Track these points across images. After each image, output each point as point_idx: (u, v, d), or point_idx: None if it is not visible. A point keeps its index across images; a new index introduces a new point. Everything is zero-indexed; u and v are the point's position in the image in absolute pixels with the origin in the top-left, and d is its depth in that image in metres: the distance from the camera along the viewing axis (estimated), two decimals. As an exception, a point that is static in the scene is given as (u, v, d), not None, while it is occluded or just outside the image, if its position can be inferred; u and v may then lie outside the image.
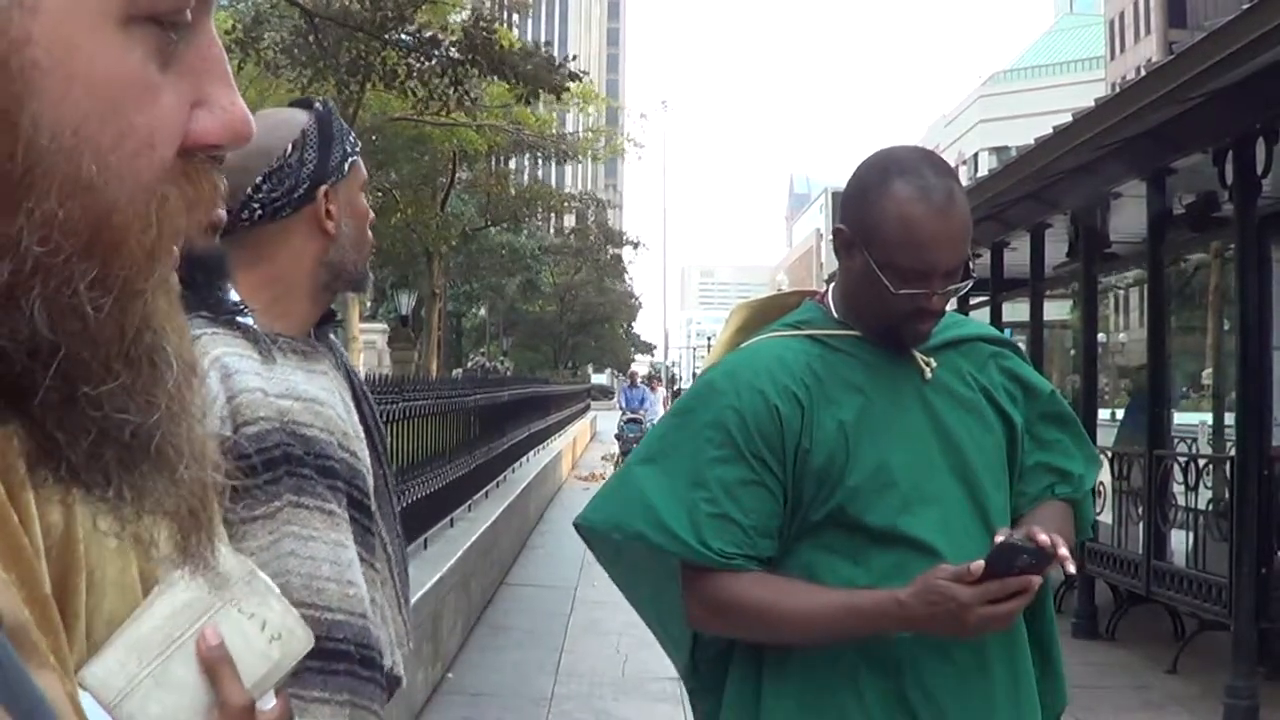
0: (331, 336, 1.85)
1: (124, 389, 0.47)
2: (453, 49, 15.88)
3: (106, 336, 0.46)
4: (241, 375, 1.61)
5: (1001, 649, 1.87)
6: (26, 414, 0.47)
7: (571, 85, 17.39)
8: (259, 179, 1.70)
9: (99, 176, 0.45)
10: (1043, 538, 1.69)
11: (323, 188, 1.75)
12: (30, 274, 0.44)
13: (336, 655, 1.60)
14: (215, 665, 1.00)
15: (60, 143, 0.44)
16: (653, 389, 26.02)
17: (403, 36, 15.94)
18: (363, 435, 1.78)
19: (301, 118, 1.77)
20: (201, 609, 1.02)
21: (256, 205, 1.71)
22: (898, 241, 1.79)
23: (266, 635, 1.04)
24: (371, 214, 1.87)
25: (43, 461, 0.48)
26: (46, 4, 0.44)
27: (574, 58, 17.32)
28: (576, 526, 1.98)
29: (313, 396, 1.68)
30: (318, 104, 1.81)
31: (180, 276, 0.51)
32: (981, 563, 1.67)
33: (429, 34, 16.06)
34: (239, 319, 1.65)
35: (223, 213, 0.53)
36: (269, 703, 1.05)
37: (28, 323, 0.44)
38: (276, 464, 1.60)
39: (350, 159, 1.79)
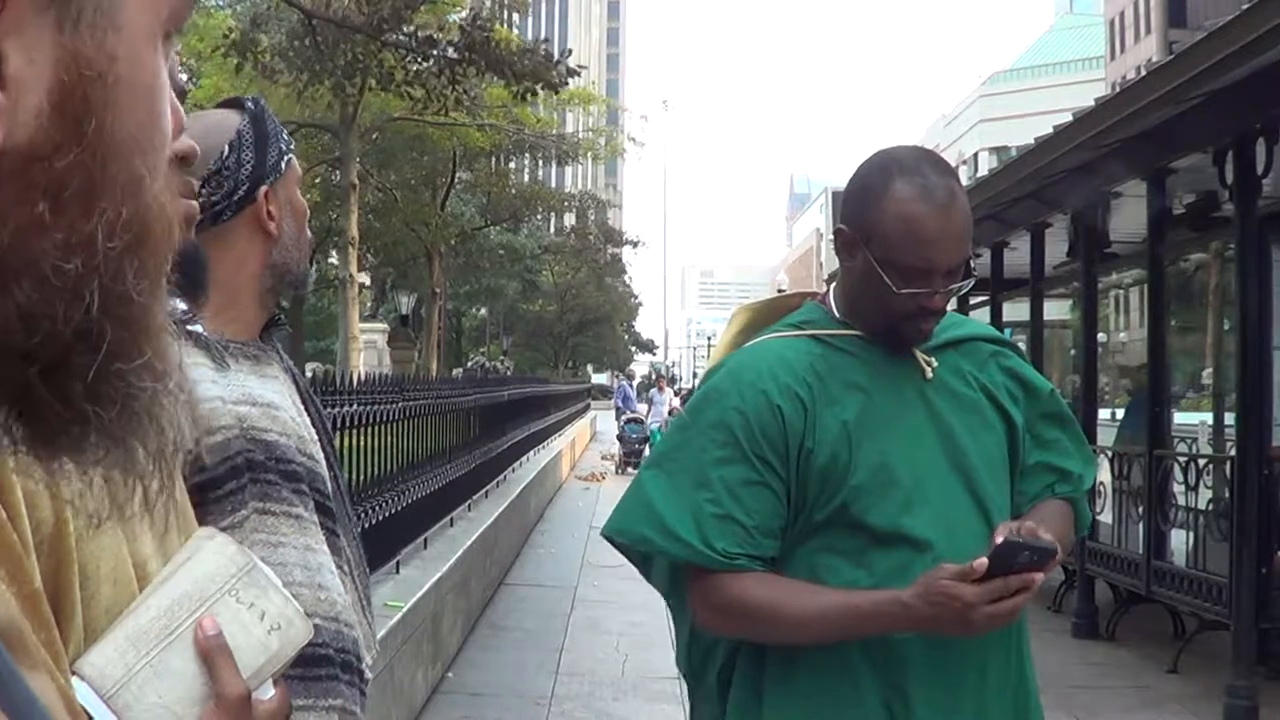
0: (275, 340, 1.81)
1: (146, 364, 0.51)
2: (450, 48, 15.84)
3: (138, 317, 0.50)
4: (198, 385, 1.56)
5: (1001, 649, 1.87)
6: (56, 391, 0.49)
7: (570, 81, 17.33)
8: (198, 184, 1.64)
9: (148, 177, 0.49)
10: (1046, 536, 1.70)
11: (263, 188, 1.71)
12: (95, 268, 0.48)
13: (317, 661, 1.58)
14: (213, 655, 1.00)
15: (126, 147, 0.48)
16: (660, 389, 25.67)
17: (400, 38, 15.90)
18: (315, 438, 1.76)
19: (234, 119, 1.72)
20: (200, 599, 1.02)
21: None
22: (899, 240, 1.79)
23: (265, 625, 1.04)
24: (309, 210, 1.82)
25: (55, 441, 0.50)
26: (125, 24, 0.48)
27: (569, 52, 17.24)
28: (606, 538, 1.99)
29: (269, 401, 1.66)
30: (248, 102, 1.76)
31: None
32: (985, 561, 1.66)
33: (426, 34, 16.02)
34: (188, 326, 1.61)
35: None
36: (267, 693, 1.05)
37: (84, 310, 0.48)
38: (240, 471, 1.58)
39: (286, 156, 1.75)
